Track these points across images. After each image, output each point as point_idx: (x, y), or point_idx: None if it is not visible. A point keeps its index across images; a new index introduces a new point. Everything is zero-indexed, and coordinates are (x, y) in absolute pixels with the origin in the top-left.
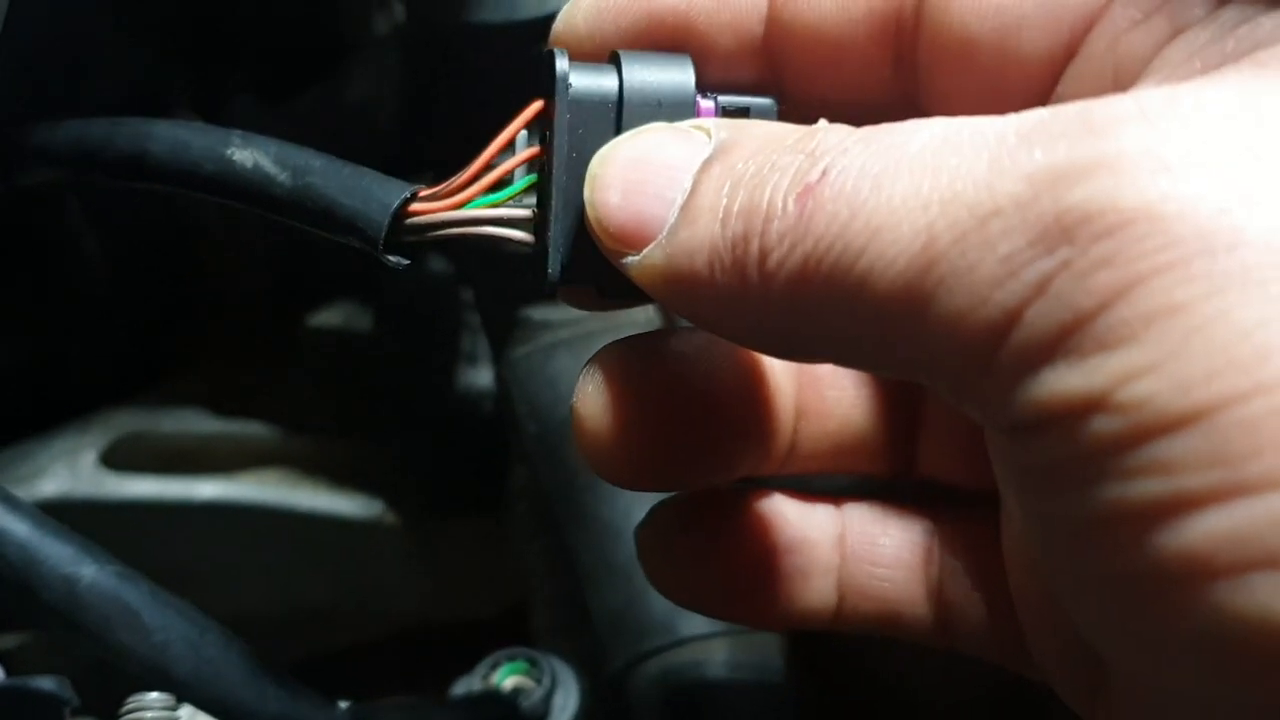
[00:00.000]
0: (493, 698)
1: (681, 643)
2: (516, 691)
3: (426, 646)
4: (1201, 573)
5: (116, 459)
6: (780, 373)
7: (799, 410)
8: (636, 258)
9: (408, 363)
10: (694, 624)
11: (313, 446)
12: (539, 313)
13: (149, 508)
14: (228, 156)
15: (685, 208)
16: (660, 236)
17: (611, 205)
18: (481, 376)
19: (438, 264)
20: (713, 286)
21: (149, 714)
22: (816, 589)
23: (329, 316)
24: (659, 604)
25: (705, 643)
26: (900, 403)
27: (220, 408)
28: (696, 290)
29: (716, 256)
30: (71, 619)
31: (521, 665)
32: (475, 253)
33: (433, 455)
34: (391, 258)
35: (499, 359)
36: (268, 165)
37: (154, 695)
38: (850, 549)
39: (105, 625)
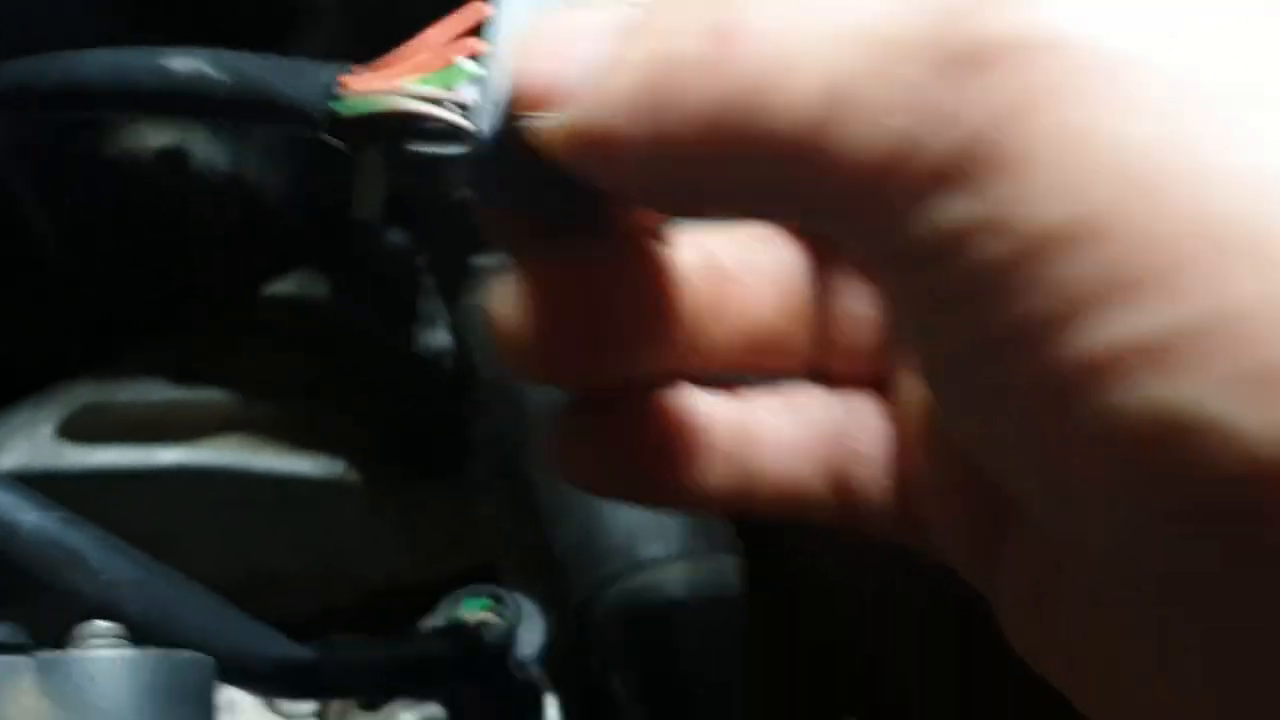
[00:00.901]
0: (455, 630)
1: (639, 567)
2: (480, 625)
3: (397, 611)
4: (1094, 380)
5: (75, 430)
6: (689, 271)
7: (708, 309)
8: (555, 121)
9: (366, 327)
10: (652, 549)
11: (273, 411)
12: (488, 261)
13: (110, 476)
14: (165, 67)
15: (601, 64)
16: (577, 95)
17: (529, 70)
18: (440, 337)
19: (395, 235)
20: (629, 141)
21: (100, 640)
22: (720, 472)
23: (285, 285)
24: (617, 532)
25: (664, 566)
26: (807, 299)
27: (178, 377)
28: (613, 147)
29: (632, 108)
30: (16, 564)
31: (484, 601)
32: (424, 185)
33: (395, 416)
34: (330, 137)
35: (452, 310)
36: (206, 69)
37: (103, 624)
38: (754, 433)
39: (51, 569)
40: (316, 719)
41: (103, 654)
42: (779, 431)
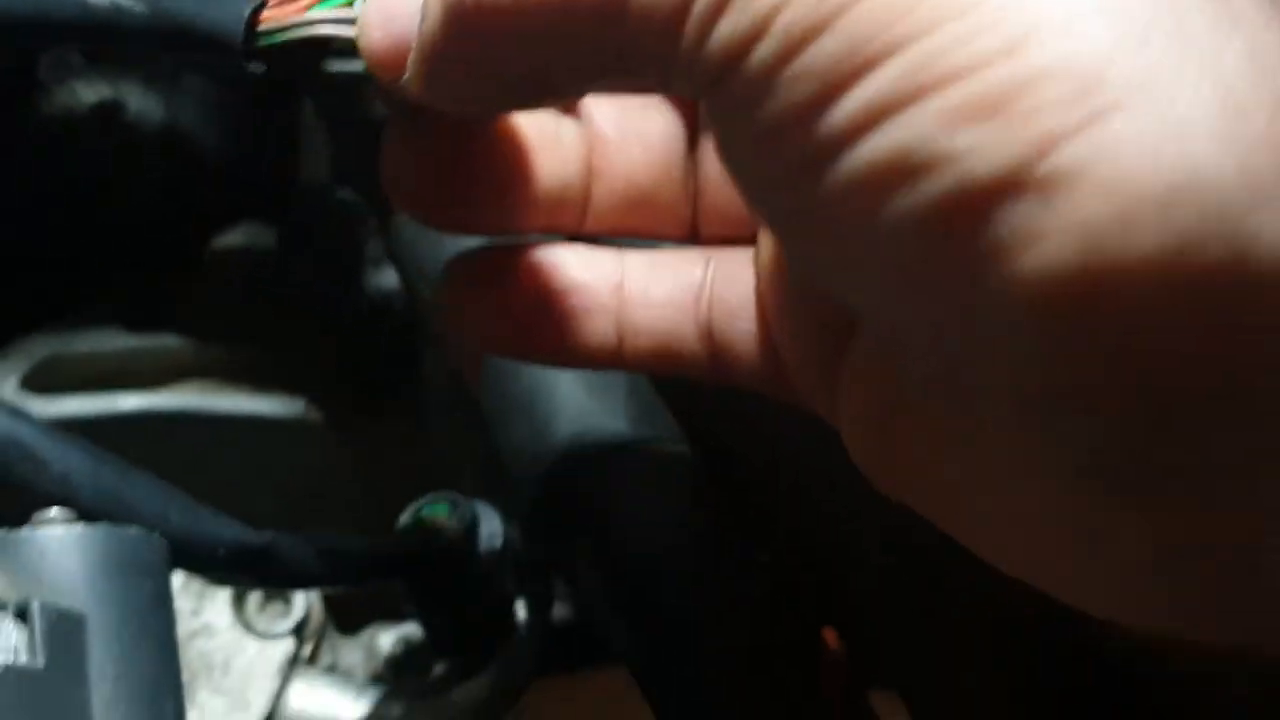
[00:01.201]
0: (415, 530)
1: (589, 461)
2: (439, 524)
3: None
4: (852, 139)
5: (38, 382)
6: (571, 136)
7: (591, 170)
8: (406, 76)
9: (315, 273)
10: (600, 442)
11: (230, 356)
12: None
13: (73, 425)
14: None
15: (424, 5)
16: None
17: (374, 40)
18: (389, 278)
19: (342, 191)
20: (458, 61)
21: (52, 521)
22: (598, 328)
23: (234, 238)
24: (562, 433)
25: (612, 458)
26: (682, 162)
27: (134, 326)
28: (448, 72)
29: (449, 28)
30: None
31: (443, 507)
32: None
33: (349, 356)
34: (251, 65)
35: (386, 234)
36: (122, 1)
37: (56, 509)
38: (628, 291)
39: (2, 464)
40: (294, 638)
41: (54, 530)
42: (655, 289)
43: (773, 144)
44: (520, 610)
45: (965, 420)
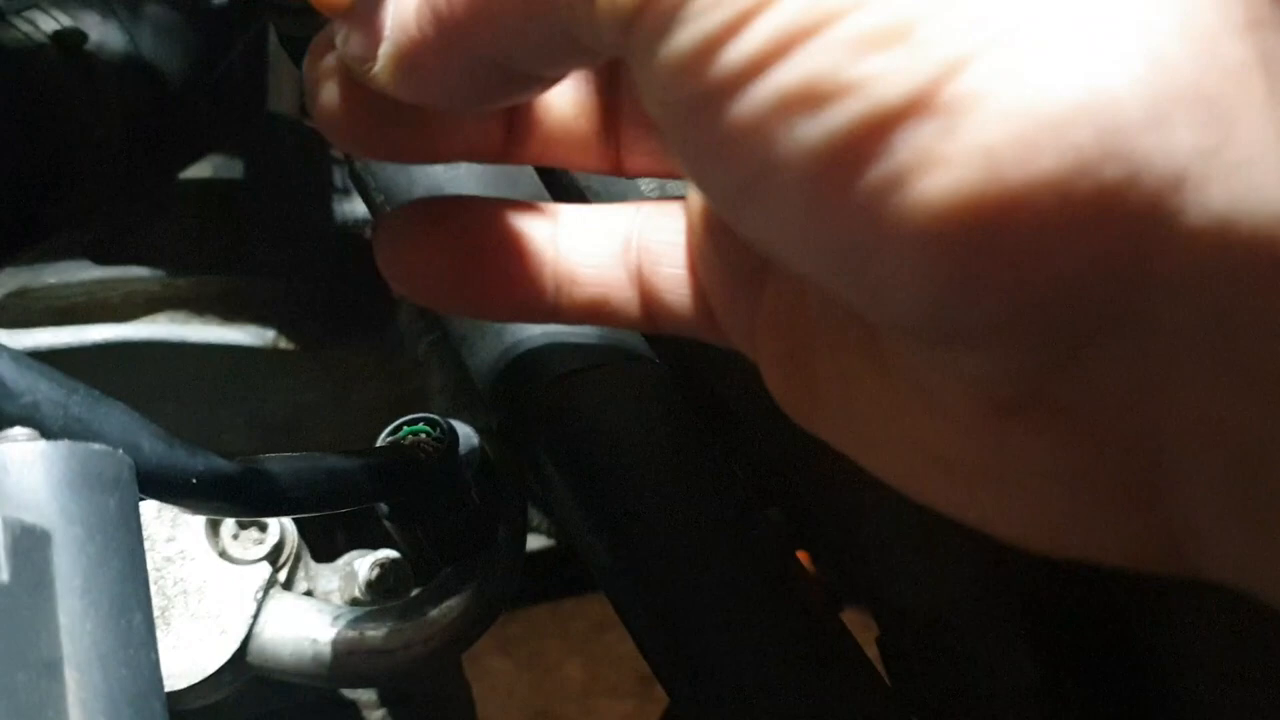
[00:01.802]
0: (394, 449)
1: (557, 379)
2: (416, 445)
3: None
4: (747, 71)
5: (6, 316)
6: None
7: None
8: (378, 66)
9: (283, 204)
10: (568, 362)
11: (199, 287)
12: None
13: (43, 357)
14: None
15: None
16: (384, 34)
17: (352, 41)
18: (356, 206)
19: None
20: (433, 47)
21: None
22: (534, 282)
23: (200, 169)
24: (532, 354)
25: (581, 374)
26: (604, 100)
27: (102, 258)
28: (420, 59)
29: (421, 16)
30: None
31: (420, 426)
32: None
33: (320, 284)
34: None
35: (352, 163)
36: None
37: (21, 428)
38: (562, 244)
39: None
40: (269, 564)
41: (16, 445)
42: (588, 241)
43: (682, 79)
44: (497, 531)
45: (870, 356)
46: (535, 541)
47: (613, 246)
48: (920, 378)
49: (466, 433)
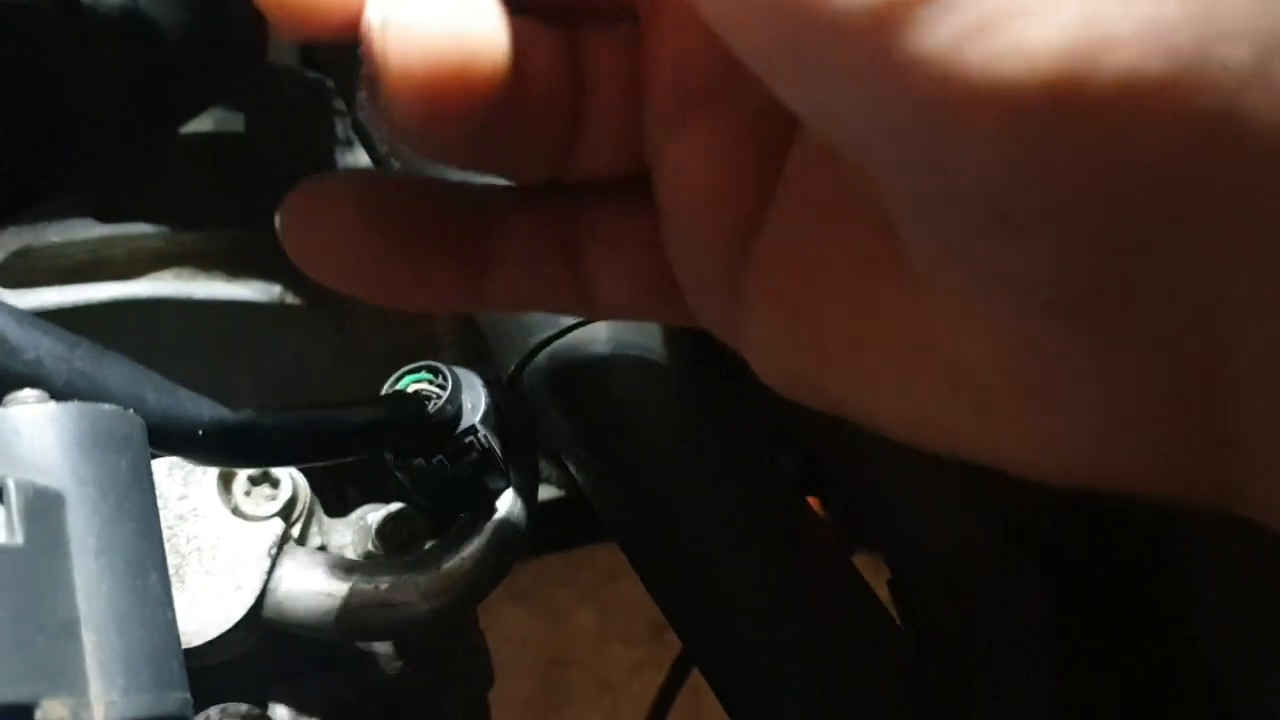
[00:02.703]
0: (397, 396)
1: (562, 331)
2: (421, 394)
3: None
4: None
5: (10, 276)
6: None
7: None
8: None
9: (285, 156)
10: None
11: (204, 243)
12: None
13: (47, 317)
14: None
15: None
16: None
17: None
18: (360, 157)
19: (310, 74)
20: None
21: (25, 402)
22: (457, 270)
23: (201, 123)
24: None
25: (588, 328)
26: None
27: (105, 216)
28: None
29: None
30: None
31: (424, 375)
32: None
33: None
34: None
35: (352, 110)
36: None
37: (30, 390)
38: (492, 230)
39: None
40: (282, 520)
41: (26, 409)
42: (516, 226)
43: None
44: (508, 481)
45: (892, 277)
46: (545, 492)
47: (544, 230)
48: (953, 286)
49: (474, 382)
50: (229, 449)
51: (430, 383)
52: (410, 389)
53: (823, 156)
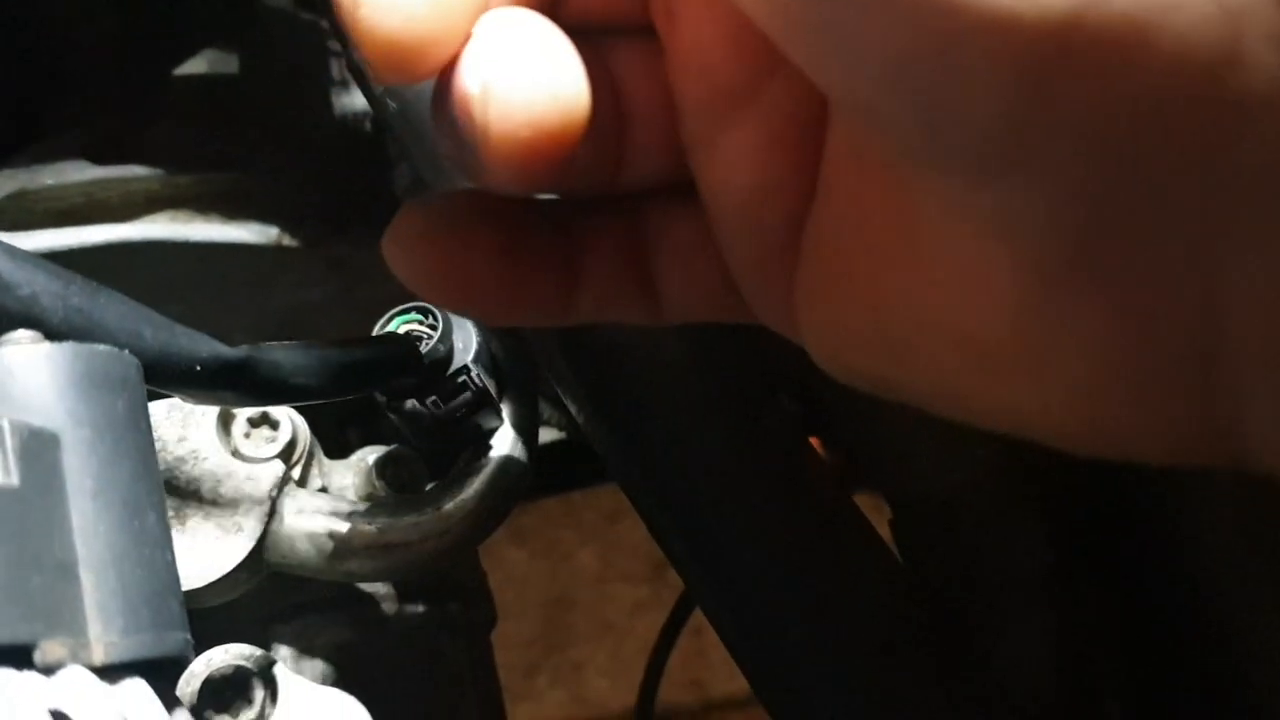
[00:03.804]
0: (389, 336)
1: None
2: (412, 335)
3: None
4: None
5: (3, 220)
6: None
7: None
8: None
9: (280, 97)
10: None
11: (200, 185)
12: None
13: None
14: None
15: None
16: None
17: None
18: (355, 99)
19: (306, 14)
20: None
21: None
22: (546, 284)
23: (195, 64)
24: None
25: None
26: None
27: (99, 158)
28: None
29: None
30: None
31: (414, 316)
32: None
33: (321, 180)
34: None
35: (348, 51)
36: None
37: (24, 331)
38: (575, 242)
39: None
40: (282, 462)
41: (20, 349)
42: (599, 240)
43: None
44: (507, 421)
45: (907, 238)
46: (545, 434)
47: (624, 245)
48: (963, 245)
49: (464, 322)
50: (225, 386)
51: (420, 323)
52: (401, 330)
53: (851, 149)
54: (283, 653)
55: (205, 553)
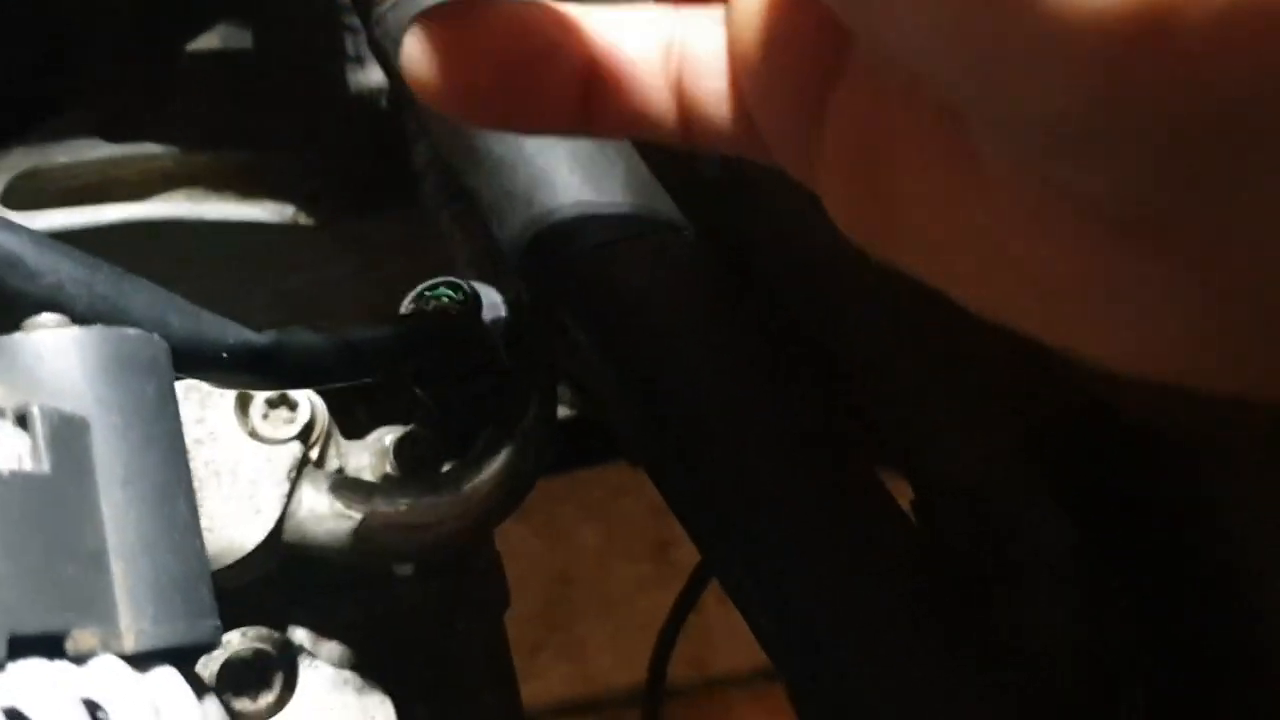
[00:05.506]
0: (418, 314)
1: (587, 250)
2: (443, 310)
3: None
4: None
5: (16, 199)
6: None
7: None
8: None
9: (295, 74)
10: (598, 234)
11: (215, 163)
12: None
13: (59, 239)
14: None
15: None
16: None
17: None
18: (372, 76)
19: None
20: None
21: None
22: (565, 87)
23: (208, 40)
24: (562, 223)
25: (611, 247)
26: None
27: (114, 136)
28: None
29: None
30: None
31: (442, 291)
32: None
33: (338, 157)
34: None
35: (368, 30)
36: None
37: (51, 315)
38: (595, 50)
39: None
40: (300, 443)
41: (48, 334)
42: (623, 47)
43: None
44: (528, 401)
45: (963, 171)
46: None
47: (650, 52)
48: (1025, 195)
49: (493, 298)
50: (253, 370)
51: (450, 299)
52: (430, 305)
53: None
54: (299, 634)
55: (224, 535)
